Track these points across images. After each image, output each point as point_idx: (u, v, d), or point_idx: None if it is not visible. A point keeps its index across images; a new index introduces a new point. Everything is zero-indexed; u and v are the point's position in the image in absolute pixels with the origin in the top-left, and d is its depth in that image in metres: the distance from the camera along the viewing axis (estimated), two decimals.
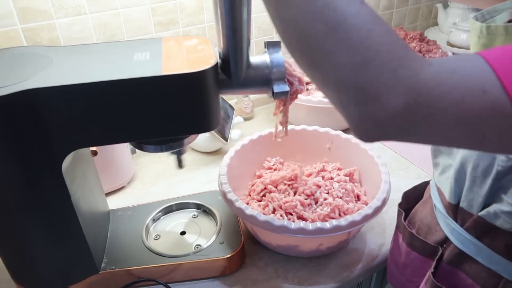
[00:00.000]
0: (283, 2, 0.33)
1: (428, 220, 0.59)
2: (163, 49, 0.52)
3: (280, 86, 0.51)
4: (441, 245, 0.56)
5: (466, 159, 0.49)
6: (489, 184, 0.46)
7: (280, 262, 0.69)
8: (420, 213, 0.62)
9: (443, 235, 0.55)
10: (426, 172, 0.91)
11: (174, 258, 0.65)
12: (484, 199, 0.48)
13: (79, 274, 0.62)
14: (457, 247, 0.52)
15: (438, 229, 0.57)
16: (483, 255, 0.50)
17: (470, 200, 0.50)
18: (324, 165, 0.82)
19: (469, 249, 0.51)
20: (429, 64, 0.30)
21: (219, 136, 0.94)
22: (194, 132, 0.54)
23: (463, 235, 0.51)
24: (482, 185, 0.48)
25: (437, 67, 0.30)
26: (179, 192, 0.85)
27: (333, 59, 0.31)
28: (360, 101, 0.31)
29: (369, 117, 0.31)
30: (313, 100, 0.95)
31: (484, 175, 0.47)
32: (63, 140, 0.49)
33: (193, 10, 1.00)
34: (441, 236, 0.56)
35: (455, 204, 0.53)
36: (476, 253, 0.50)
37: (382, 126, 0.31)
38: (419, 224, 0.61)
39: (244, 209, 0.62)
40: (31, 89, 0.44)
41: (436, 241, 0.56)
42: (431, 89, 0.29)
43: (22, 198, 0.51)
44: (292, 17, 0.33)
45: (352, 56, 0.30)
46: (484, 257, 0.50)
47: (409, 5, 1.43)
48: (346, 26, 0.30)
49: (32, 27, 0.83)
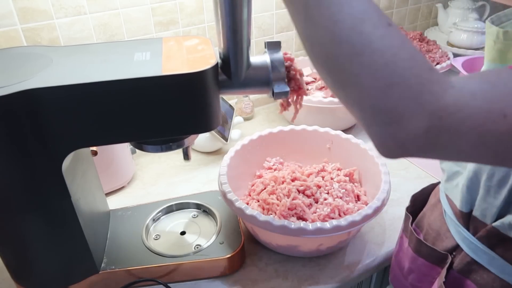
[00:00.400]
0: (311, 23, 0.33)
1: (437, 226, 0.58)
2: (163, 49, 0.52)
3: (280, 86, 0.51)
4: (451, 253, 0.54)
5: (480, 168, 0.49)
6: (504, 195, 0.46)
7: (280, 262, 0.69)
8: (429, 217, 0.61)
9: (453, 242, 0.54)
10: (426, 172, 0.91)
11: (174, 258, 0.65)
12: (499, 210, 0.47)
13: (79, 274, 0.62)
14: (469, 255, 0.51)
15: (449, 235, 0.55)
16: (496, 265, 0.49)
17: (483, 210, 0.49)
18: (324, 165, 0.82)
19: (481, 258, 0.50)
20: (452, 87, 0.31)
21: (219, 136, 0.94)
22: (194, 132, 0.54)
23: (475, 244, 0.50)
24: (497, 196, 0.47)
25: (458, 91, 0.31)
26: (179, 192, 0.85)
27: (357, 82, 0.32)
28: (382, 122, 0.32)
29: (391, 138, 0.32)
30: (313, 100, 0.95)
31: (500, 185, 0.46)
32: (63, 140, 0.49)
33: (193, 10, 1.00)
34: (451, 244, 0.55)
35: (467, 213, 0.52)
36: (488, 262, 0.49)
37: (403, 146, 0.32)
38: (427, 228, 0.60)
39: (244, 209, 0.62)
40: (31, 89, 0.44)
41: (446, 248, 0.55)
42: (452, 114, 0.30)
43: (22, 198, 0.51)
44: (318, 38, 0.33)
45: (376, 80, 0.31)
46: (497, 267, 0.49)
47: (409, 5, 1.43)
48: (371, 50, 0.31)
49: (32, 27, 0.83)
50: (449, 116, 0.30)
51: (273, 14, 1.13)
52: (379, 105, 0.31)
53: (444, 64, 1.14)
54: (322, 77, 0.36)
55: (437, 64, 1.14)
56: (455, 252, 0.54)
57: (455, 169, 0.55)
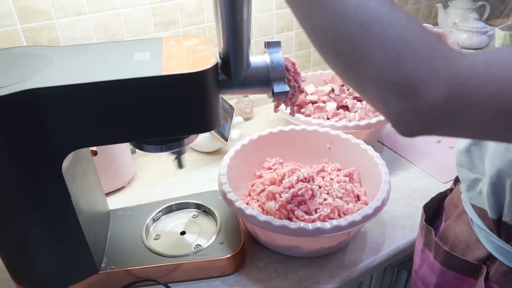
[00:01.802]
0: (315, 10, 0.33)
1: (465, 237, 0.56)
2: (163, 49, 0.52)
3: (280, 86, 0.51)
4: (484, 262, 0.53)
5: (503, 171, 0.47)
6: None
7: (280, 262, 0.69)
8: (453, 229, 0.59)
9: (485, 252, 0.53)
10: (426, 172, 0.91)
11: (174, 258, 0.65)
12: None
13: (79, 274, 0.62)
14: (505, 264, 0.50)
15: (479, 246, 0.54)
16: None
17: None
18: (324, 165, 0.82)
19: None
20: (464, 56, 0.31)
21: (219, 136, 0.94)
22: (194, 132, 0.54)
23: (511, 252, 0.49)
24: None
25: (472, 59, 0.31)
26: (179, 192, 0.85)
27: (370, 57, 0.32)
28: (400, 95, 0.31)
29: (409, 110, 0.31)
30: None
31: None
32: (63, 140, 0.49)
33: (193, 10, 1.00)
34: (483, 253, 0.53)
35: (496, 219, 0.50)
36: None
37: (423, 119, 0.31)
38: (453, 240, 0.58)
39: (244, 209, 0.62)
40: (31, 89, 0.44)
41: (478, 258, 0.54)
42: (468, 79, 0.30)
43: (22, 198, 0.51)
44: (325, 23, 0.33)
45: (389, 52, 0.31)
46: None
47: (409, 5, 1.43)
48: (381, 23, 0.31)
49: (32, 27, 0.83)
50: (465, 81, 0.30)
51: (273, 14, 1.13)
52: (394, 77, 0.31)
53: None
54: (331, 65, 0.36)
55: None
56: (489, 262, 0.53)
57: (473, 176, 0.54)
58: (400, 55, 0.31)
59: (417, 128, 0.32)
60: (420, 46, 0.31)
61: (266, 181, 0.75)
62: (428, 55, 0.30)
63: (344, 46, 0.33)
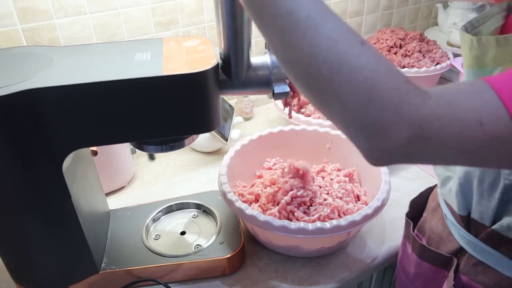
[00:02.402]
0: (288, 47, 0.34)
1: (439, 230, 0.58)
2: (163, 50, 0.52)
3: (281, 87, 0.52)
4: (455, 255, 0.55)
5: (470, 173, 0.49)
6: (497, 198, 0.46)
7: (280, 262, 0.69)
8: (430, 222, 0.61)
9: (457, 245, 0.54)
10: (426, 172, 0.91)
11: (174, 258, 0.65)
12: (495, 212, 0.48)
13: (79, 274, 0.62)
14: (474, 257, 0.51)
15: (451, 239, 0.56)
16: (503, 264, 0.49)
17: (480, 213, 0.49)
18: (324, 165, 0.82)
19: (487, 259, 0.50)
20: (429, 97, 0.32)
21: (219, 136, 0.94)
22: (195, 132, 0.55)
23: (480, 245, 0.50)
24: (490, 199, 0.47)
25: (435, 101, 0.32)
26: (179, 192, 0.85)
27: (338, 99, 0.33)
28: (367, 135, 0.33)
29: (377, 149, 0.33)
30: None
31: (491, 189, 0.47)
32: (63, 140, 0.49)
33: (193, 10, 1.00)
34: (455, 246, 0.55)
35: (465, 216, 0.52)
36: (495, 262, 0.50)
37: (390, 156, 0.33)
38: (430, 233, 0.60)
39: (244, 209, 0.62)
40: (31, 89, 0.44)
41: (450, 251, 0.55)
42: (431, 122, 0.31)
43: (23, 198, 0.51)
44: (297, 61, 0.34)
45: (357, 96, 0.32)
46: (503, 266, 0.49)
47: (409, 5, 1.43)
48: (349, 68, 0.32)
49: (32, 27, 0.83)
50: (429, 125, 0.31)
51: None
52: (362, 120, 0.32)
53: (444, 64, 1.14)
54: (305, 96, 0.37)
55: (437, 64, 1.14)
56: (460, 254, 0.54)
57: (447, 174, 0.55)
58: (368, 101, 0.32)
59: (386, 162, 0.34)
60: (387, 92, 0.31)
61: (266, 181, 0.75)
62: (394, 100, 0.31)
63: (314, 85, 0.34)
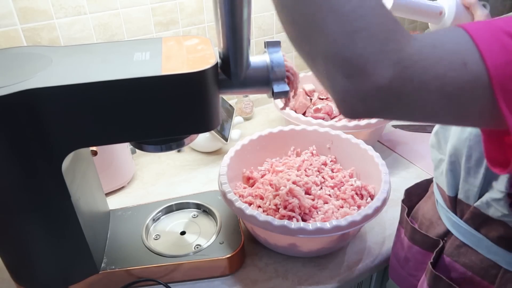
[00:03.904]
0: None
1: (430, 215, 0.60)
2: (163, 49, 0.52)
3: (280, 86, 0.51)
4: (442, 238, 0.56)
5: (458, 150, 0.50)
6: (482, 174, 0.47)
7: (280, 262, 0.69)
8: (423, 208, 0.63)
9: (444, 228, 0.56)
10: (426, 172, 0.91)
11: (174, 258, 0.65)
12: (479, 189, 0.49)
13: (79, 274, 0.62)
14: (458, 239, 0.53)
15: (440, 223, 0.57)
16: (483, 246, 0.50)
17: (466, 191, 0.51)
18: (325, 160, 0.81)
19: (470, 240, 0.52)
20: (414, 38, 0.31)
21: (219, 136, 0.94)
22: (194, 132, 0.54)
23: (463, 227, 0.52)
24: (476, 175, 0.48)
25: (420, 42, 0.31)
26: (179, 192, 0.85)
27: (324, 28, 0.31)
28: (347, 72, 0.31)
29: (354, 91, 0.31)
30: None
31: (477, 165, 0.48)
32: (63, 140, 0.49)
33: (193, 10, 1.00)
34: (442, 230, 0.57)
35: (453, 197, 0.54)
36: (476, 244, 0.51)
37: (367, 101, 0.32)
38: (421, 219, 0.62)
39: (244, 209, 0.62)
40: (31, 89, 0.44)
41: (438, 234, 0.57)
42: (415, 62, 0.30)
43: (22, 198, 0.51)
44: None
45: (343, 25, 0.31)
46: (484, 248, 0.50)
47: None
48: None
49: (32, 27, 0.83)
50: (412, 65, 0.30)
51: (273, 14, 1.13)
52: (344, 52, 0.31)
53: None
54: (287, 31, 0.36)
55: None
56: (446, 238, 0.56)
57: (440, 157, 0.56)
58: (354, 31, 0.30)
59: (360, 110, 0.33)
60: (375, 26, 0.31)
61: (266, 181, 0.75)
62: (380, 35, 0.30)
63: (301, 13, 0.33)
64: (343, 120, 0.92)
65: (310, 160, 0.81)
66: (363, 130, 0.86)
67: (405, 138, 1.04)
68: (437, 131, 0.57)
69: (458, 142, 0.50)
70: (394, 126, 1.09)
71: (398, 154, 0.98)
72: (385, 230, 0.76)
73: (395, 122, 1.09)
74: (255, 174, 0.79)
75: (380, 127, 0.92)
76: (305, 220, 0.67)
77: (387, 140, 1.03)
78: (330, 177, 0.78)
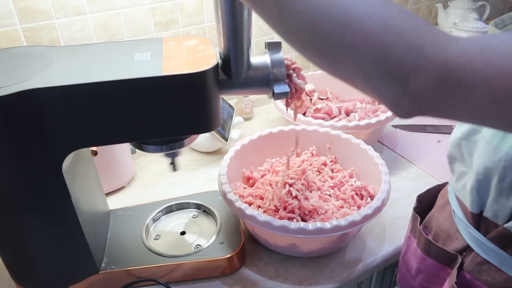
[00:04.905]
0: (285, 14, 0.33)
1: (446, 227, 0.58)
2: (163, 50, 0.52)
3: (281, 87, 0.51)
4: (461, 253, 0.54)
5: (490, 171, 0.48)
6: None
7: (280, 262, 0.69)
8: (437, 218, 0.61)
9: (463, 243, 0.54)
10: (426, 172, 0.91)
11: (174, 258, 0.65)
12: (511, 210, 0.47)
13: (79, 274, 0.62)
14: (480, 255, 0.51)
15: (458, 236, 0.55)
16: (509, 265, 0.49)
17: (495, 211, 0.49)
18: (325, 160, 0.81)
19: (493, 258, 0.50)
20: (456, 39, 0.30)
21: (219, 136, 0.94)
22: (195, 132, 0.54)
23: (487, 244, 0.50)
24: (509, 197, 0.47)
25: (465, 44, 0.30)
26: (179, 192, 0.85)
27: (355, 52, 0.31)
28: (391, 82, 0.31)
29: (403, 94, 0.31)
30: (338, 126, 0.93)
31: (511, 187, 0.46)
32: (63, 140, 0.49)
33: (193, 10, 1.00)
34: (461, 244, 0.54)
35: (477, 214, 0.52)
36: (500, 263, 0.49)
37: (417, 101, 0.31)
38: (436, 230, 0.60)
39: (244, 209, 0.62)
40: (31, 89, 0.44)
41: (456, 249, 0.55)
42: (462, 66, 0.29)
43: (22, 198, 0.51)
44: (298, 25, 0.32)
45: (373, 44, 0.30)
46: (509, 267, 0.49)
47: (409, 5, 1.43)
48: (358, 17, 0.30)
49: (32, 27, 0.83)
50: (459, 68, 0.29)
51: None
52: (382, 67, 0.30)
53: None
54: (316, 63, 0.35)
55: None
56: (465, 253, 0.54)
57: (462, 169, 0.54)
58: (385, 47, 0.30)
59: (414, 110, 0.32)
60: (406, 33, 0.30)
61: (266, 181, 0.75)
62: (415, 41, 0.29)
63: (325, 45, 0.32)
64: (343, 120, 0.92)
65: (310, 160, 0.81)
66: (363, 130, 0.86)
67: (405, 138, 1.04)
68: (460, 143, 0.54)
69: (490, 162, 0.48)
70: (394, 126, 1.08)
71: (398, 154, 0.98)
72: (385, 230, 0.76)
73: (395, 122, 1.08)
74: (255, 174, 0.79)
75: (380, 127, 0.92)
76: (305, 220, 0.67)
77: (387, 140, 1.03)
78: (330, 177, 0.78)
